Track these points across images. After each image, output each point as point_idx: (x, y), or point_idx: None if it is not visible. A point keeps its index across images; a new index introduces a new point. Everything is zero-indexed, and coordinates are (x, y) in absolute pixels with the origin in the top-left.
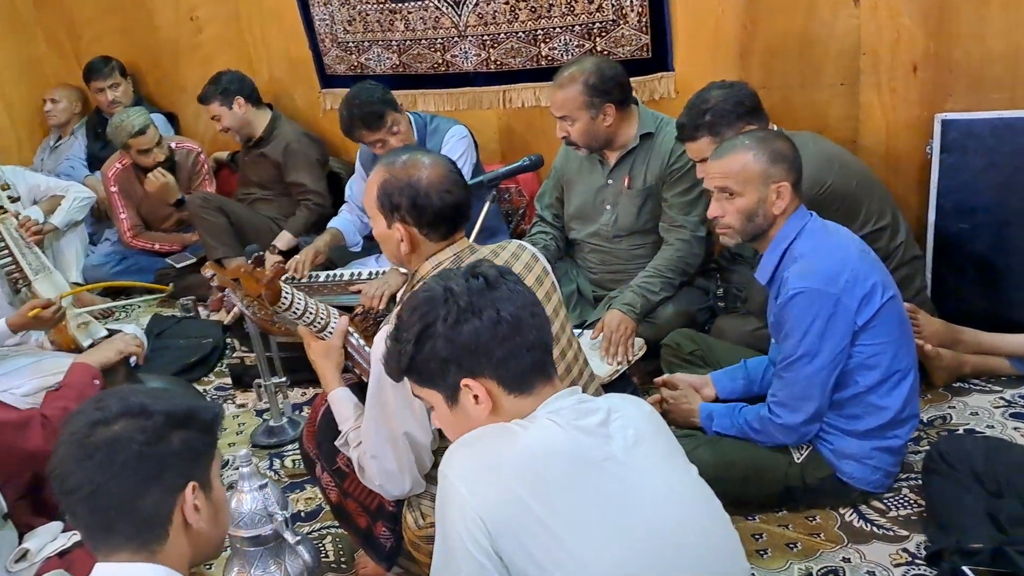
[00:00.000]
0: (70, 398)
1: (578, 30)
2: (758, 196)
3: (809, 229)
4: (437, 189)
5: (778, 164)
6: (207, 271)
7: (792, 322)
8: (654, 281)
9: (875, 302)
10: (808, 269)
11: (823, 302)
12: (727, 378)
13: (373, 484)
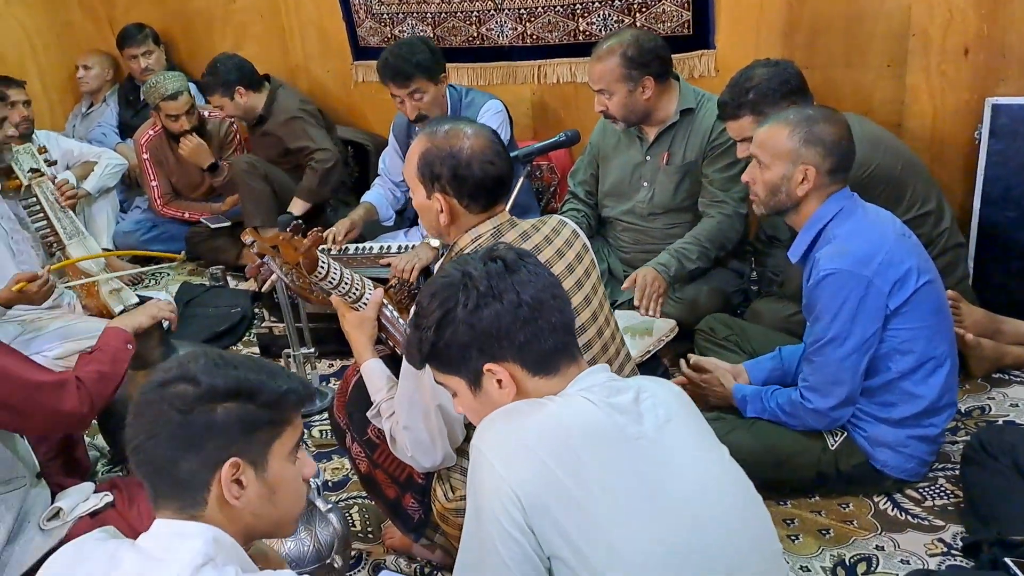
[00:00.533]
0: (103, 361)
1: (617, 5)
2: (783, 172)
3: (846, 211)
4: (479, 160)
5: (811, 147)
6: (247, 237)
7: (822, 304)
8: (691, 248)
9: (909, 286)
10: (840, 250)
11: (854, 284)
12: (760, 366)
13: (405, 455)
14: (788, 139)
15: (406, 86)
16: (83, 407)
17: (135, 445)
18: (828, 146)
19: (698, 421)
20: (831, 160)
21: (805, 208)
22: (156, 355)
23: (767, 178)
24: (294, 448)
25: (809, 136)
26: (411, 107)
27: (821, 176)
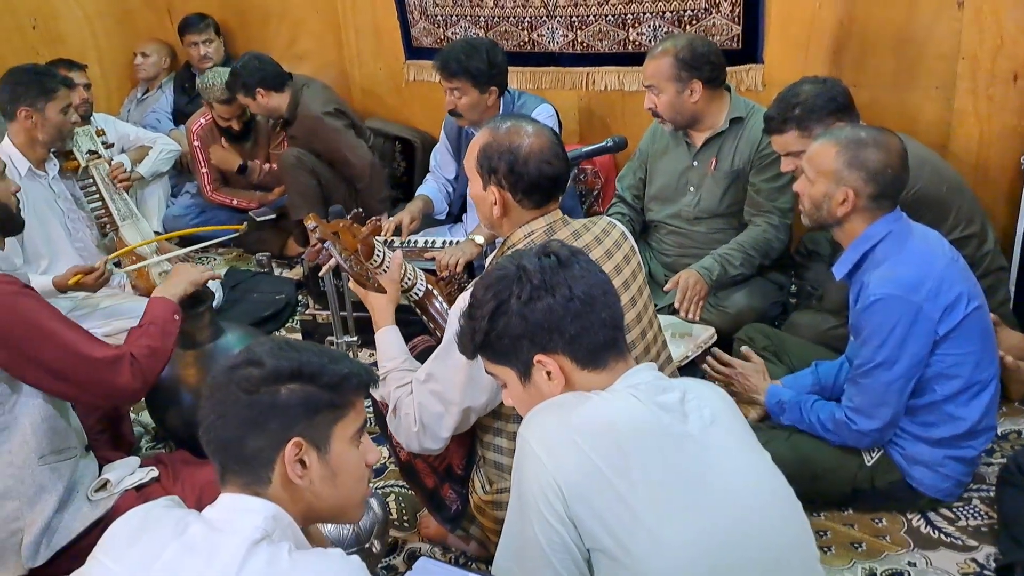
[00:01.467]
0: (154, 335)
1: (668, 16)
2: (825, 190)
3: (895, 234)
4: (536, 158)
5: (854, 171)
6: (310, 222)
7: (871, 328)
8: (735, 255)
9: (958, 312)
10: (890, 275)
11: (904, 310)
12: (796, 383)
13: (407, 431)
14: (834, 159)
15: (449, 80)
16: (135, 382)
17: (207, 424)
18: (872, 172)
19: (743, 425)
20: (873, 186)
21: (850, 227)
22: (205, 335)
23: (811, 193)
24: (357, 432)
25: (854, 160)
26: (449, 100)
27: (862, 200)
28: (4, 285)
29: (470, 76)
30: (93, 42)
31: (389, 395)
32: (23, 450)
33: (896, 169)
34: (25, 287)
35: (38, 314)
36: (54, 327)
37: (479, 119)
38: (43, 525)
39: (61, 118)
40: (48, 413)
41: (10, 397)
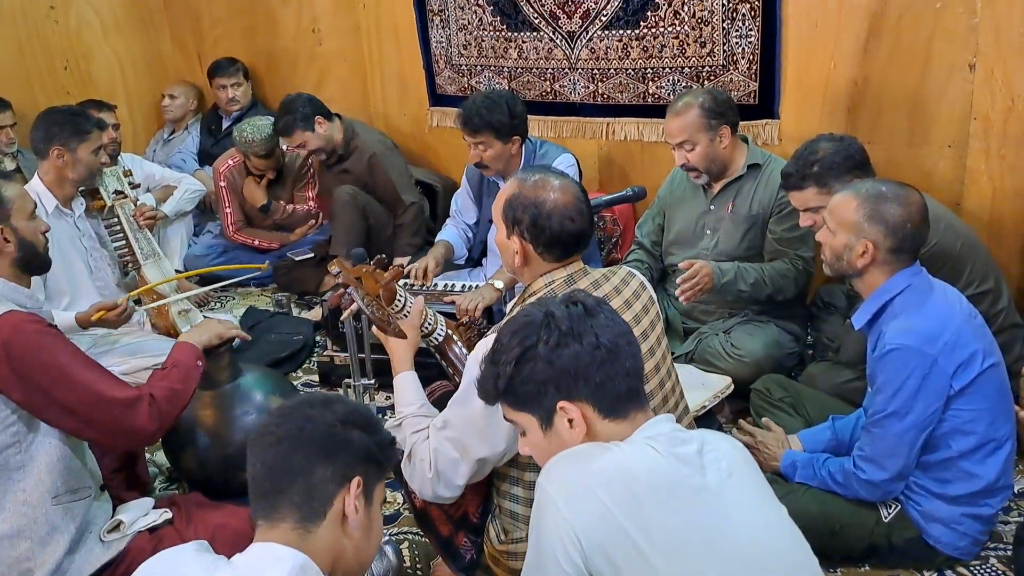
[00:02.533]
0: (175, 379)
1: (687, 72)
2: (845, 242)
3: (914, 287)
4: (560, 214)
5: (874, 225)
6: (333, 267)
7: (885, 378)
8: (751, 273)
9: (973, 369)
10: (907, 327)
11: (919, 361)
12: (815, 437)
13: (421, 477)
14: (854, 212)
15: (473, 136)
16: (153, 424)
17: (274, 450)
18: (891, 226)
19: (759, 478)
20: (892, 240)
21: (870, 278)
22: (225, 376)
23: (832, 244)
24: (383, 500)
25: (874, 213)
26: (474, 154)
27: (882, 252)
28: (27, 323)
29: (493, 130)
30: (122, 83)
31: (405, 440)
32: (38, 489)
33: (916, 224)
34: (49, 325)
35: (59, 353)
36: (74, 366)
37: (504, 168)
38: (54, 566)
39: (92, 158)
40: (64, 453)
41: (27, 436)
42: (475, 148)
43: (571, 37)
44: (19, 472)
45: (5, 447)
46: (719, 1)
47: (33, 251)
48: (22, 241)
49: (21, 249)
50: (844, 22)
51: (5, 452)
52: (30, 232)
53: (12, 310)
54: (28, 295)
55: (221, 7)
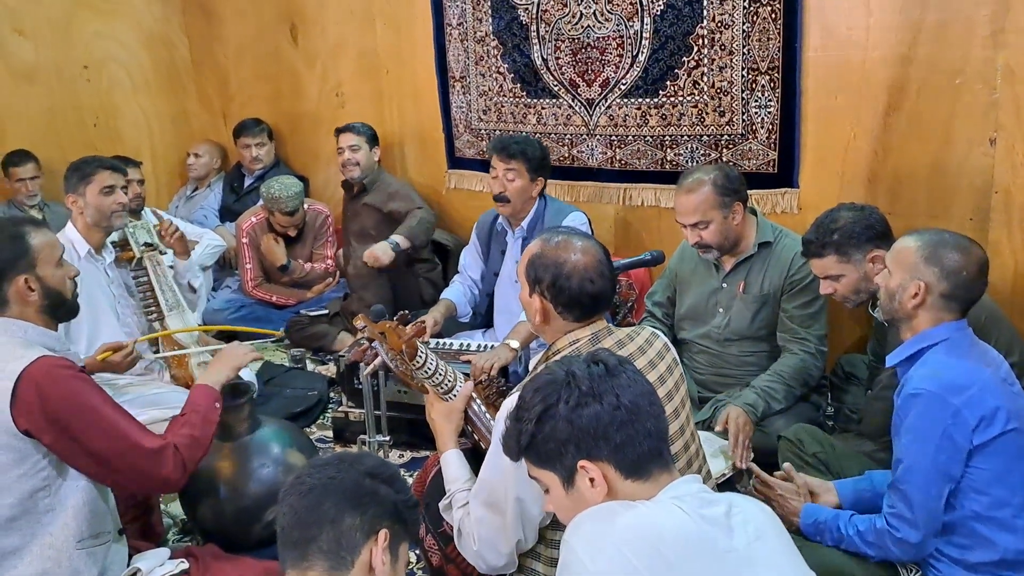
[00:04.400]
0: (195, 424)
1: (706, 140)
2: (900, 282)
3: (955, 341)
4: (580, 275)
5: (931, 266)
6: (359, 322)
7: (908, 423)
8: (777, 388)
9: (996, 426)
10: (933, 373)
11: (942, 409)
12: (853, 489)
13: (470, 550)
14: (914, 253)
15: (507, 162)
16: (177, 472)
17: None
18: (946, 270)
19: (787, 542)
20: (946, 284)
21: (916, 323)
22: (244, 428)
23: (888, 284)
24: (407, 561)
25: (932, 256)
26: (500, 182)
27: (933, 296)
28: (60, 368)
29: (527, 160)
30: (148, 140)
31: (454, 518)
32: (63, 533)
33: (972, 274)
34: (80, 371)
35: (91, 398)
36: (105, 413)
37: (521, 210)
38: None
39: (101, 199)
40: (91, 497)
41: (56, 480)
42: (504, 176)
43: (590, 104)
44: (47, 515)
45: (35, 491)
46: (739, 72)
47: (59, 298)
48: (47, 289)
49: (47, 297)
50: (864, 95)
51: (35, 496)
52: (57, 280)
53: (44, 355)
54: (56, 339)
55: (248, 70)
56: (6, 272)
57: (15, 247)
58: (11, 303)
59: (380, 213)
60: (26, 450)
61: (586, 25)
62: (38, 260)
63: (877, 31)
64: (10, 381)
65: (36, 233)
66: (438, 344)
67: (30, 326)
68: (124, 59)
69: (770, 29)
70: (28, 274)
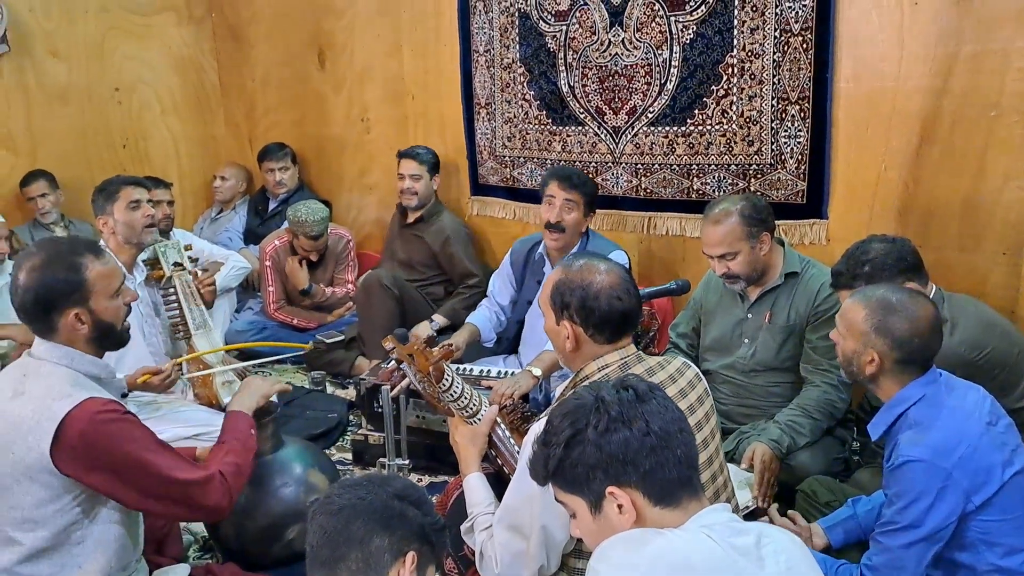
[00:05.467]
0: (237, 452)
1: (734, 169)
2: (854, 348)
3: (930, 397)
4: (607, 294)
5: (881, 336)
6: (387, 344)
7: (898, 489)
8: (802, 422)
9: (994, 483)
10: (921, 439)
11: (933, 475)
12: (836, 529)
13: (490, 573)
14: (863, 321)
15: (569, 192)
16: (225, 500)
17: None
18: (897, 340)
19: (818, 574)
20: (899, 353)
21: (883, 386)
22: (267, 446)
23: (843, 347)
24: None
25: (880, 326)
26: (558, 211)
27: (888, 363)
28: (104, 412)
29: (586, 194)
30: (176, 163)
31: (476, 541)
32: (93, 566)
33: (924, 338)
34: (126, 413)
35: (135, 441)
36: (150, 454)
37: (570, 243)
38: None
39: (129, 215)
40: (120, 533)
41: (89, 514)
42: (563, 206)
43: (616, 132)
44: (78, 548)
45: (69, 525)
46: (768, 102)
47: (109, 330)
48: (98, 322)
49: (96, 329)
50: (895, 126)
51: (68, 529)
52: (110, 312)
53: (90, 398)
54: (103, 367)
55: (274, 95)
56: (58, 304)
57: (70, 279)
58: (60, 332)
59: (430, 251)
60: (62, 488)
61: (614, 53)
62: (92, 293)
63: (910, 62)
64: (53, 423)
65: (94, 264)
66: (459, 369)
67: (77, 354)
68: (154, 82)
69: (801, 59)
70: (80, 308)
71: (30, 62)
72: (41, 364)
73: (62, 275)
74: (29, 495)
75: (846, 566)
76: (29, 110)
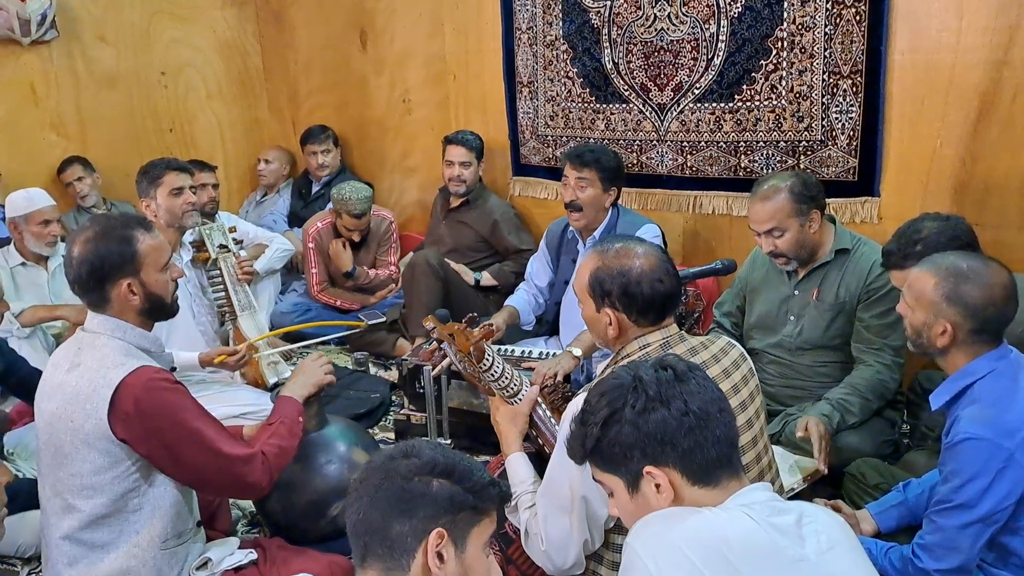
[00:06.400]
0: (283, 435)
1: (783, 146)
2: (924, 320)
3: (1000, 372)
4: (649, 278)
5: (953, 305)
6: (428, 323)
7: (956, 467)
8: (852, 400)
9: None
10: (984, 416)
11: (993, 454)
12: (888, 514)
13: (537, 550)
14: (933, 290)
15: (579, 170)
16: (265, 479)
17: (356, 506)
18: (970, 308)
19: (861, 555)
20: (972, 322)
21: (952, 358)
22: (312, 424)
23: (912, 320)
24: (488, 541)
25: (952, 294)
26: (572, 190)
27: (962, 334)
28: (157, 381)
29: (600, 169)
30: (221, 146)
31: (520, 520)
32: (149, 533)
33: (999, 305)
34: (175, 383)
35: (185, 411)
36: (198, 426)
37: (593, 220)
38: None
39: (171, 200)
40: (176, 499)
41: (146, 482)
42: (577, 184)
43: (661, 109)
44: (135, 515)
45: (126, 492)
46: (819, 76)
47: (159, 303)
48: (149, 294)
49: (148, 301)
50: (952, 100)
51: (126, 496)
52: (159, 284)
53: (144, 365)
54: (153, 340)
55: (317, 78)
56: (111, 275)
57: (122, 251)
58: (112, 303)
59: (478, 235)
60: (120, 454)
61: (660, 28)
62: (143, 265)
63: (970, 33)
64: (110, 390)
65: (145, 236)
66: (500, 350)
67: (128, 326)
68: (200, 66)
69: (854, 31)
70: (132, 279)
71: (79, 47)
72: (95, 337)
73: (115, 247)
74: (88, 462)
75: (896, 548)
76: (79, 95)
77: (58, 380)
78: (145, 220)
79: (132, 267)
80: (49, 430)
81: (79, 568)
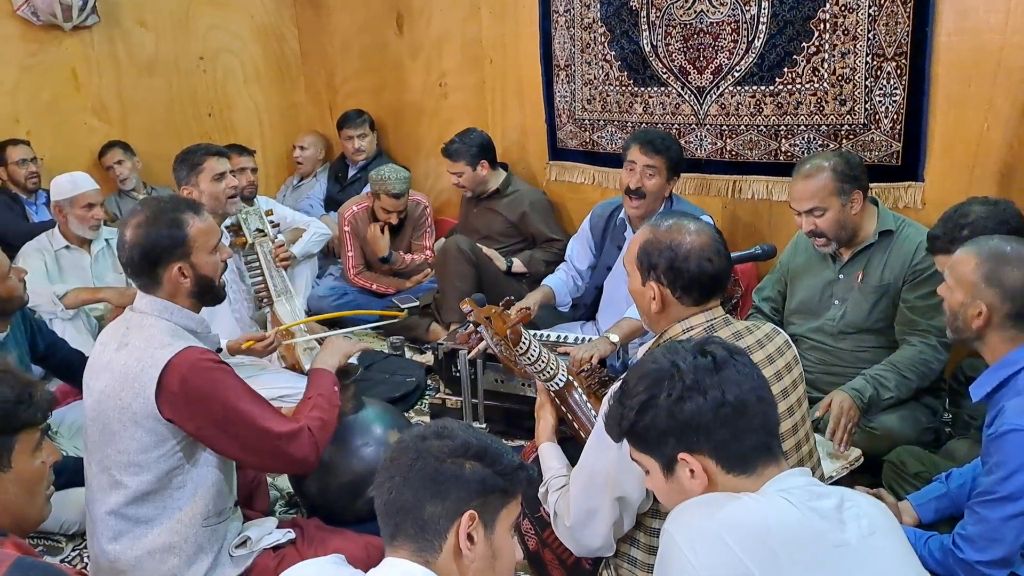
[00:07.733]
0: (323, 407)
1: (824, 130)
2: (962, 301)
3: None
4: (697, 256)
5: (991, 287)
6: (465, 306)
7: (1000, 458)
8: (888, 376)
9: None
10: None
11: None
12: (928, 505)
13: (562, 527)
14: (972, 271)
15: (651, 157)
16: (312, 453)
17: (388, 486)
18: (1008, 291)
19: (903, 540)
20: (1010, 306)
21: (991, 344)
22: (349, 407)
23: (950, 300)
24: (514, 523)
25: (991, 276)
26: (638, 176)
27: (998, 317)
28: (204, 360)
29: (669, 159)
30: (259, 131)
31: (550, 503)
32: (192, 510)
33: None
34: (220, 363)
35: (231, 390)
36: (244, 403)
37: (652, 208)
38: None
39: (214, 187)
40: (218, 478)
41: (190, 460)
42: (643, 172)
43: (700, 92)
44: (179, 492)
45: (171, 469)
46: (862, 58)
47: (208, 285)
48: (199, 277)
49: (197, 284)
50: (1000, 83)
51: (170, 474)
52: (209, 267)
53: (190, 346)
54: (200, 322)
55: (354, 62)
56: (163, 258)
57: (174, 234)
58: (164, 286)
59: (508, 222)
60: (166, 433)
61: (699, 10)
62: (194, 248)
63: (1019, 14)
64: (157, 370)
65: (195, 220)
66: (535, 335)
67: (176, 308)
68: (237, 50)
69: (899, 12)
70: (183, 262)
71: (119, 33)
72: (144, 317)
73: (166, 231)
74: (135, 440)
75: (936, 537)
76: (119, 80)
77: (107, 359)
78: (195, 203)
79: (183, 250)
80: (97, 407)
81: (123, 543)
